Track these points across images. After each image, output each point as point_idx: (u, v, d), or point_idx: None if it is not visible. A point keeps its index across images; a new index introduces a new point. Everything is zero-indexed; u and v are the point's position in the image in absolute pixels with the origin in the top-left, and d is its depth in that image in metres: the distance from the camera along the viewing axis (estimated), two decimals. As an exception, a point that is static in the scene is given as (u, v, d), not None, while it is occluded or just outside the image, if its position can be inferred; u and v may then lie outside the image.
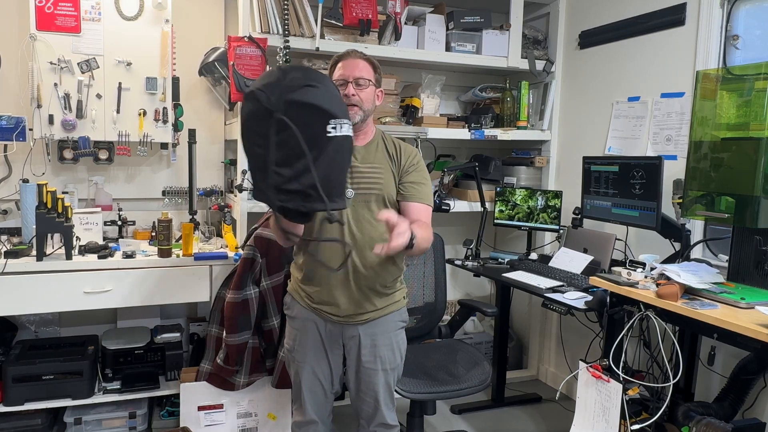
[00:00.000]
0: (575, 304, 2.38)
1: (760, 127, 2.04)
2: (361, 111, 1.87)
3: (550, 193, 3.19)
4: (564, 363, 3.32)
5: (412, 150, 1.97)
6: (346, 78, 1.86)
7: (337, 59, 1.92)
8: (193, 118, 3.08)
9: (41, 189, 2.38)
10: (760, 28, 2.42)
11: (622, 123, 3.00)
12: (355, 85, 1.86)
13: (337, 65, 1.91)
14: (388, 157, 1.92)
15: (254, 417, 2.64)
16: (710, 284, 2.02)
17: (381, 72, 1.95)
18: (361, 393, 1.98)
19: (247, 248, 2.47)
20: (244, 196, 2.81)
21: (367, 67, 1.89)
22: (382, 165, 1.90)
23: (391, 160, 1.92)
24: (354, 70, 1.87)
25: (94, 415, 2.63)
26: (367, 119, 1.92)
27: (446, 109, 3.60)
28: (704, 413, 2.10)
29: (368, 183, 1.87)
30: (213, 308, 2.60)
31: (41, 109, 2.66)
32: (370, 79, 1.89)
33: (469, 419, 3.08)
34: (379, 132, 1.99)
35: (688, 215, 2.32)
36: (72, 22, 2.67)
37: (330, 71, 1.94)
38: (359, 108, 1.86)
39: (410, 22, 3.18)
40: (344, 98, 1.84)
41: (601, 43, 3.14)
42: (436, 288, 2.80)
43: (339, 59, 1.91)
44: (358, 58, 1.89)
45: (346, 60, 1.89)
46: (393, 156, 1.93)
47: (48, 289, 2.39)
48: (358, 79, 1.86)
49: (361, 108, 1.87)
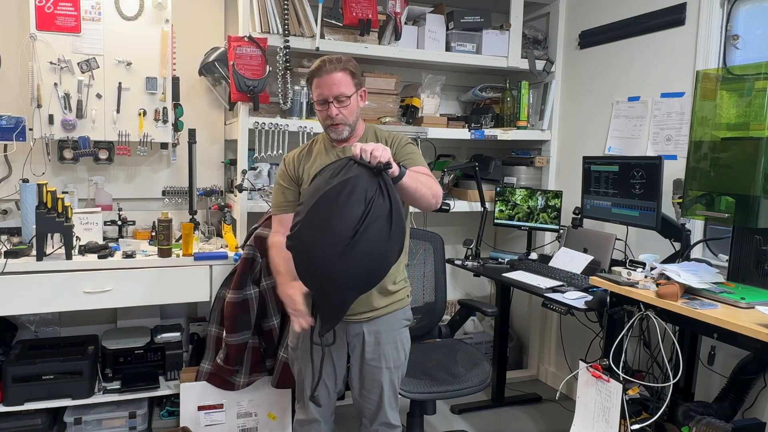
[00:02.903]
0: (575, 304, 2.38)
1: (760, 127, 2.04)
2: (348, 126, 1.88)
3: (550, 193, 3.20)
4: (564, 363, 3.32)
5: (400, 137, 1.96)
6: (326, 97, 1.83)
7: (312, 75, 1.86)
8: (193, 118, 3.08)
9: (41, 189, 2.37)
10: (760, 28, 2.42)
11: (622, 123, 3.00)
12: (337, 102, 1.83)
13: (313, 82, 1.86)
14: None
15: (254, 417, 2.64)
16: (710, 284, 2.02)
17: (359, 73, 1.91)
18: (365, 391, 1.98)
19: (247, 248, 2.47)
20: (244, 196, 2.81)
21: (346, 79, 1.84)
22: None
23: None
24: (332, 87, 1.82)
25: (94, 415, 2.62)
26: (355, 126, 1.93)
27: (446, 109, 3.60)
28: (704, 413, 2.10)
29: None
30: (213, 308, 2.60)
31: (41, 109, 2.66)
32: (351, 95, 1.85)
33: (469, 419, 3.08)
34: (370, 128, 1.99)
35: (688, 215, 2.32)
36: (72, 22, 2.67)
37: (308, 85, 1.92)
38: (344, 124, 1.87)
39: (410, 22, 3.18)
40: (328, 119, 1.86)
41: (601, 43, 3.14)
42: (436, 288, 2.80)
43: (313, 75, 1.85)
44: (334, 71, 1.83)
45: (321, 77, 1.83)
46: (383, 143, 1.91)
47: (48, 289, 2.39)
48: (339, 96, 1.83)
49: (346, 123, 1.87)
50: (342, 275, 1.57)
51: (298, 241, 1.61)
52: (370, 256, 1.56)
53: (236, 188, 2.80)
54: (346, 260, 1.54)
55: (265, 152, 2.83)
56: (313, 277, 1.63)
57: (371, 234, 1.54)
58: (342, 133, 1.89)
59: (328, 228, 1.53)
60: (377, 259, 1.59)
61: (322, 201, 1.55)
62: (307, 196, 1.65)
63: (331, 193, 1.54)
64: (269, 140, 2.82)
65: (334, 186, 1.54)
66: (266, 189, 2.88)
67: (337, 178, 1.56)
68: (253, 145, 2.84)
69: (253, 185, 2.87)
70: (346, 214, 1.52)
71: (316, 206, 1.56)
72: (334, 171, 1.60)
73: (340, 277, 1.57)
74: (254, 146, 2.83)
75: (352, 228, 1.51)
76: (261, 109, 2.80)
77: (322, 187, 1.58)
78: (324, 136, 1.98)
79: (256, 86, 2.69)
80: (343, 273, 1.56)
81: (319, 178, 1.65)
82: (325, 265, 1.56)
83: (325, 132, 1.94)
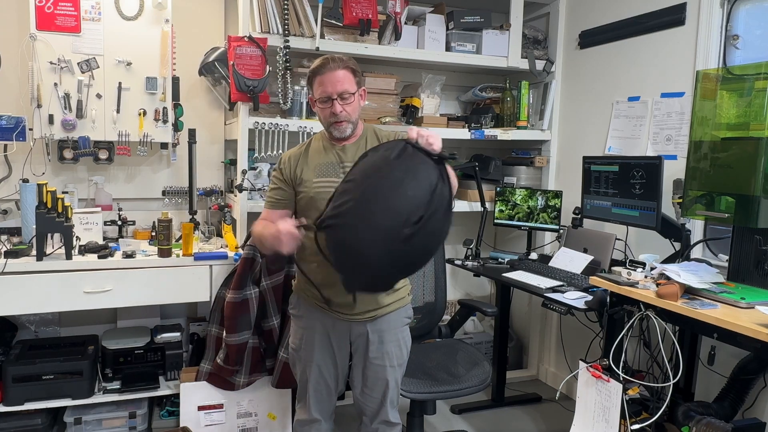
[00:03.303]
0: (575, 304, 2.38)
1: (760, 127, 2.04)
2: (351, 123, 1.89)
3: (550, 192, 3.19)
4: (564, 363, 3.32)
5: (401, 132, 1.94)
6: (329, 95, 1.83)
7: (314, 73, 1.86)
8: (193, 118, 3.07)
9: (41, 189, 2.38)
10: (760, 28, 2.42)
11: (622, 123, 3.00)
12: (340, 99, 1.84)
13: (315, 80, 1.86)
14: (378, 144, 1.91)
15: (254, 417, 2.64)
16: (710, 284, 2.02)
17: (360, 72, 1.92)
18: (367, 389, 1.98)
19: (247, 248, 2.47)
20: (244, 196, 2.81)
21: (348, 77, 1.85)
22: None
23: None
24: (336, 84, 1.83)
25: (94, 415, 2.62)
26: (357, 125, 1.94)
27: (446, 109, 3.60)
28: (704, 413, 2.10)
29: None
30: (213, 308, 2.60)
31: (41, 108, 2.66)
32: (354, 91, 1.86)
33: (469, 419, 3.08)
34: (369, 128, 2.00)
35: (688, 215, 2.32)
36: (72, 21, 2.67)
37: (308, 84, 1.92)
38: (348, 122, 1.87)
39: (410, 21, 3.18)
40: (331, 116, 1.86)
41: (601, 43, 3.14)
42: (436, 288, 2.80)
43: (315, 73, 1.86)
44: (337, 68, 1.83)
45: (324, 74, 1.84)
46: (383, 141, 1.93)
47: (48, 289, 2.39)
48: (342, 94, 1.83)
49: (349, 121, 1.88)
50: (391, 261, 1.52)
51: (344, 221, 1.54)
52: (427, 246, 1.55)
53: (236, 188, 2.80)
54: (405, 246, 1.50)
55: (265, 152, 2.83)
56: (354, 260, 1.56)
57: (433, 223, 1.52)
58: (345, 131, 1.89)
59: (388, 210, 1.49)
60: (431, 249, 1.59)
61: (382, 181, 1.50)
62: (360, 173, 1.59)
63: (394, 175, 1.50)
64: (269, 140, 2.82)
65: (397, 167, 1.50)
66: (266, 189, 2.88)
67: (399, 160, 1.52)
68: (253, 145, 2.84)
69: (253, 185, 2.87)
70: (411, 199, 1.49)
71: (372, 186, 1.51)
72: (391, 151, 1.55)
73: (388, 263, 1.53)
74: (254, 146, 2.83)
75: (417, 215, 1.48)
76: (261, 109, 2.80)
77: (381, 167, 1.53)
78: (322, 135, 1.98)
79: (256, 86, 2.69)
80: (394, 259, 1.52)
81: (374, 156, 1.59)
82: (374, 249, 1.50)
83: (327, 130, 1.93)
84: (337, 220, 1.57)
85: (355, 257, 1.56)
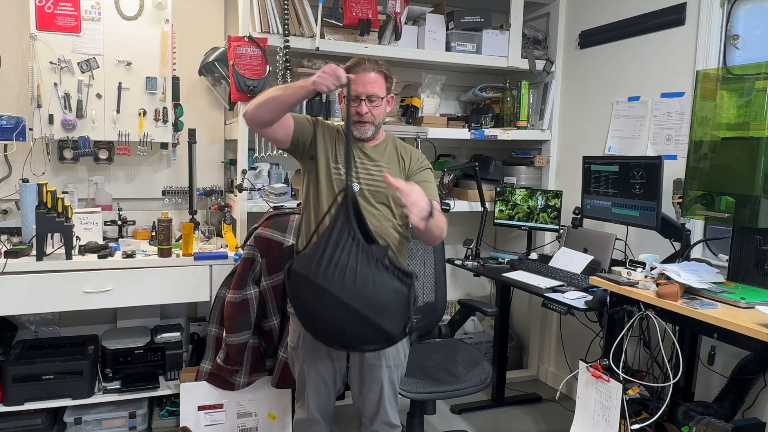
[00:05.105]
0: (575, 304, 2.38)
1: (760, 127, 2.04)
2: (373, 126, 1.90)
3: (550, 192, 3.19)
4: (564, 363, 3.32)
5: (420, 154, 2.02)
6: (358, 94, 1.84)
7: (347, 71, 1.84)
8: (193, 117, 3.08)
9: (41, 189, 2.38)
10: (760, 28, 2.42)
11: (622, 123, 3.00)
12: (368, 101, 1.85)
13: (347, 74, 1.85)
14: (397, 157, 1.96)
15: (254, 417, 2.64)
16: (710, 284, 2.02)
17: (393, 79, 1.94)
18: (365, 390, 1.98)
19: (247, 248, 2.47)
20: (244, 196, 2.81)
21: (380, 81, 1.87)
22: (389, 165, 1.93)
23: (399, 160, 1.96)
24: (366, 85, 1.84)
25: (94, 414, 2.62)
26: (379, 129, 1.95)
27: (446, 108, 3.60)
28: (704, 413, 2.10)
29: (375, 180, 1.90)
30: (213, 308, 2.60)
31: (41, 108, 2.66)
32: (383, 96, 1.88)
33: (469, 419, 3.08)
34: (390, 136, 2.02)
35: (688, 215, 2.32)
36: (72, 21, 2.67)
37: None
38: (371, 124, 1.89)
39: (410, 21, 3.18)
40: (356, 115, 1.86)
41: (601, 43, 3.14)
42: (436, 288, 2.80)
43: (349, 71, 1.84)
44: (371, 70, 1.85)
45: (358, 73, 1.84)
46: (401, 157, 1.97)
47: (48, 288, 2.38)
48: (371, 96, 1.85)
49: (373, 123, 1.89)
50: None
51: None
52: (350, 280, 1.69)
53: (236, 188, 2.80)
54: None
55: (265, 152, 2.83)
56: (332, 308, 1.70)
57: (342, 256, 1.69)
58: (366, 132, 1.90)
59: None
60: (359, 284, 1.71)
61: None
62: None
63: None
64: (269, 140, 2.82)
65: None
66: (266, 189, 2.88)
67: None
68: (253, 145, 2.84)
69: (253, 185, 2.87)
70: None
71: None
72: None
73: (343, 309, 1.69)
74: (254, 146, 2.83)
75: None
76: (261, 109, 2.79)
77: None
78: (343, 129, 1.97)
79: (256, 86, 2.69)
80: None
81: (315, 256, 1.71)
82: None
83: (346, 128, 1.92)
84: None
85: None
